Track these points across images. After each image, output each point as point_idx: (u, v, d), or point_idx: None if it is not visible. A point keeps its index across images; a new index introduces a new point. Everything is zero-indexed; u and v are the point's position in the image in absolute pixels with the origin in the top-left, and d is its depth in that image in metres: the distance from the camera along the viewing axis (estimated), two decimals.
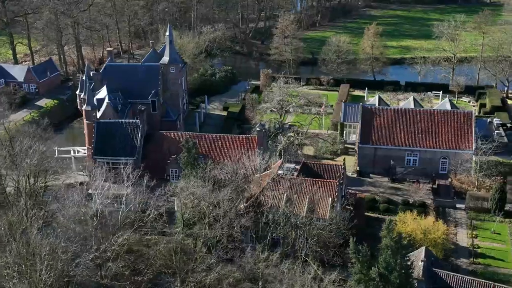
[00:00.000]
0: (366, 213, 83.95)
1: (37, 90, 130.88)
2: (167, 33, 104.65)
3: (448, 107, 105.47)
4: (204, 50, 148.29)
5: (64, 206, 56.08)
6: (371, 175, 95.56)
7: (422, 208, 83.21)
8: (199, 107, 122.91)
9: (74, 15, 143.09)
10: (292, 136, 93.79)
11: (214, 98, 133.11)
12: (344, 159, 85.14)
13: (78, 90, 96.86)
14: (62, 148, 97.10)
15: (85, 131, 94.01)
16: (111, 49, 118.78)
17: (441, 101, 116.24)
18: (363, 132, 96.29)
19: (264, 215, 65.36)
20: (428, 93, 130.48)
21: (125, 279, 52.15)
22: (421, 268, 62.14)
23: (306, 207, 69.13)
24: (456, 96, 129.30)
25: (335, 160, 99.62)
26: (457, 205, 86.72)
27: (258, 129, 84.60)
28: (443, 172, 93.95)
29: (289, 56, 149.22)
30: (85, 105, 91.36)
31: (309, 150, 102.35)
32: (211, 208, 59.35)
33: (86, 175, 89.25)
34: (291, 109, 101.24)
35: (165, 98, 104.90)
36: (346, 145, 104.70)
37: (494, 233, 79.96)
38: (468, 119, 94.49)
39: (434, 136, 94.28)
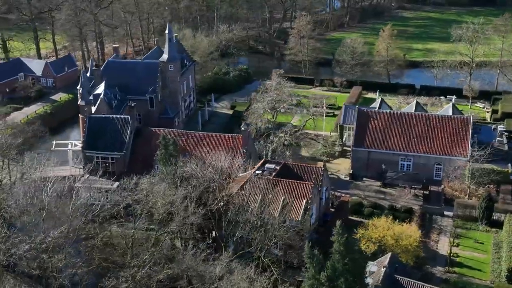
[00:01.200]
0: (350, 217, 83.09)
1: (54, 84, 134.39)
2: (167, 31, 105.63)
3: (451, 112, 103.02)
4: (220, 49, 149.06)
5: (15, 198, 57.71)
6: (364, 178, 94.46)
7: (407, 214, 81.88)
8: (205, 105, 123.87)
9: (95, 12, 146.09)
10: (282, 137, 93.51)
11: (226, 97, 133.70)
12: (324, 162, 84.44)
13: (79, 86, 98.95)
14: (60, 142, 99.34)
15: (80, 126, 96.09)
16: (117, 45, 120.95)
17: (447, 105, 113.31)
18: (358, 135, 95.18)
19: (228, 214, 65.57)
20: (441, 97, 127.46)
21: (61, 271, 53.25)
22: (382, 274, 61.38)
23: (279, 208, 69.08)
24: (470, 101, 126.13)
25: (331, 163, 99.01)
26: (445, 213, 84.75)
27: (243, 128, 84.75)
28: (437, 179, 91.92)
29: (304, 57, 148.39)
30: (80, 100, 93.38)
31: (307, 152, 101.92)
32: (165, 204, 59.90)
33: (80, 168, 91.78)
34: (282, 110, 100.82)
35: (164, 96, 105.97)
36: (345, 148, 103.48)
37: (477, 242, 77.91)
38: (465, 125, 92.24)
39: (429, 141, 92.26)
